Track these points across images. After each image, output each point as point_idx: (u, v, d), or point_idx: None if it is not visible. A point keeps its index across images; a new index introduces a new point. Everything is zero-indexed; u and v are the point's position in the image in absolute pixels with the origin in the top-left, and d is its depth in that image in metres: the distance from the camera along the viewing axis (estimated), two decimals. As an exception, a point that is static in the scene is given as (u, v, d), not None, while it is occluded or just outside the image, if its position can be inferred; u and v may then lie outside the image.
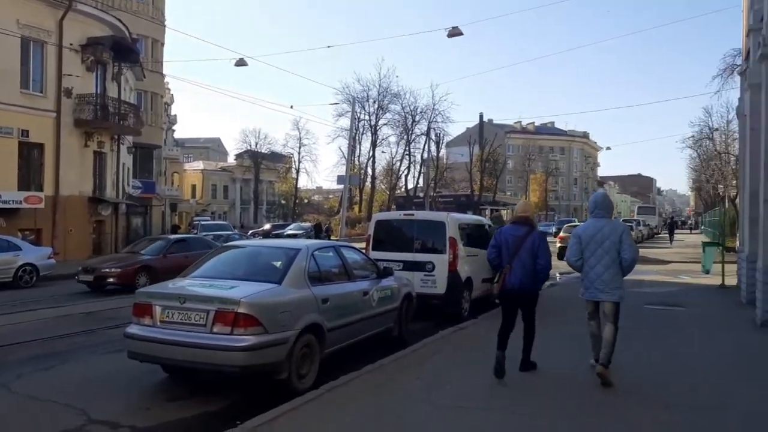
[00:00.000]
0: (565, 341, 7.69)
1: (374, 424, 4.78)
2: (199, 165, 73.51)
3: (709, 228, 39.08)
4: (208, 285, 6.09)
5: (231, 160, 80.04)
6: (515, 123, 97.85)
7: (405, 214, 11.10)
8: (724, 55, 45.44)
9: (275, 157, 68.19)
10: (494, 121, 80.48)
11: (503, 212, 59.75)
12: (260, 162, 65.33)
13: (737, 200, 35.89)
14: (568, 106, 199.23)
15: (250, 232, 42.71)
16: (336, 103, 50.14)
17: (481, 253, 11.54)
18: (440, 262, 9.95)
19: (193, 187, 67.65)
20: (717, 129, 40.92)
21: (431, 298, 9.90)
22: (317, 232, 34.05)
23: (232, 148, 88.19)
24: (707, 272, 15.10)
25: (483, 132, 63.96)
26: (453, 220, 10.40)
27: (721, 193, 45.71)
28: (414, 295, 8.84)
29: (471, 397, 5.40)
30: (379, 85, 53.57)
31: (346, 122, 48.66)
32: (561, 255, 23.32)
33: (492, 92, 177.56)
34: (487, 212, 55.79)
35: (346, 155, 42.31)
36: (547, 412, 5.03)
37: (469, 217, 12.32)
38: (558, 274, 18.37)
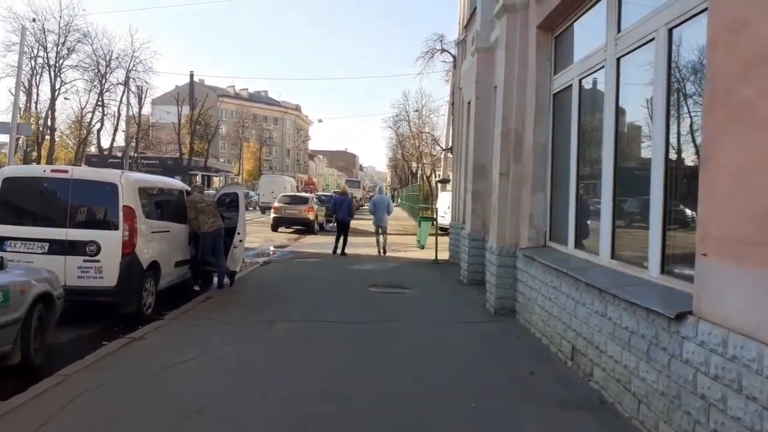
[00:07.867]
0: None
1: None
2: None
3: (406, 202, 42.27)
4: None
5: None
6: (228, 87, 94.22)
7: (53, 170, 7.42)
8: (426, 39, 49.38)
9: None
10: (206, 83, 76.18)
11: (215, 179, 56.20)
12: None
13: (431, 177, 39.45)
14: (281, 74, 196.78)
15: None
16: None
17: (175, 228, 8.70)
18: (109, 241, 6.86)
19: None
20: (417, 110, 44.27)
21: (96, 293, 6.86)
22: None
23: None
24: (422, 247, 14.87)
25: (194, 91, 58.96)
26: (130, 182, 7.26)
27: (414, 171, 50.10)
28: (58, 295, 5.70)
29: None
30: (60, 17, 42.92)
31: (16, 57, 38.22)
32: (275, 226, 21.56)
33: (203, 49, 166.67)
34: (198, 178, 51.30)
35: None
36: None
37: (156, 179, 9.13)
38: (272, 248, 16.51)
